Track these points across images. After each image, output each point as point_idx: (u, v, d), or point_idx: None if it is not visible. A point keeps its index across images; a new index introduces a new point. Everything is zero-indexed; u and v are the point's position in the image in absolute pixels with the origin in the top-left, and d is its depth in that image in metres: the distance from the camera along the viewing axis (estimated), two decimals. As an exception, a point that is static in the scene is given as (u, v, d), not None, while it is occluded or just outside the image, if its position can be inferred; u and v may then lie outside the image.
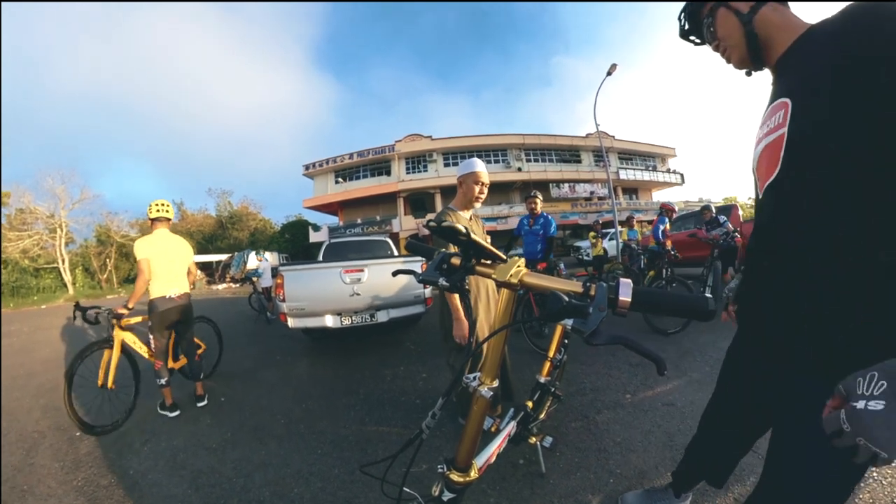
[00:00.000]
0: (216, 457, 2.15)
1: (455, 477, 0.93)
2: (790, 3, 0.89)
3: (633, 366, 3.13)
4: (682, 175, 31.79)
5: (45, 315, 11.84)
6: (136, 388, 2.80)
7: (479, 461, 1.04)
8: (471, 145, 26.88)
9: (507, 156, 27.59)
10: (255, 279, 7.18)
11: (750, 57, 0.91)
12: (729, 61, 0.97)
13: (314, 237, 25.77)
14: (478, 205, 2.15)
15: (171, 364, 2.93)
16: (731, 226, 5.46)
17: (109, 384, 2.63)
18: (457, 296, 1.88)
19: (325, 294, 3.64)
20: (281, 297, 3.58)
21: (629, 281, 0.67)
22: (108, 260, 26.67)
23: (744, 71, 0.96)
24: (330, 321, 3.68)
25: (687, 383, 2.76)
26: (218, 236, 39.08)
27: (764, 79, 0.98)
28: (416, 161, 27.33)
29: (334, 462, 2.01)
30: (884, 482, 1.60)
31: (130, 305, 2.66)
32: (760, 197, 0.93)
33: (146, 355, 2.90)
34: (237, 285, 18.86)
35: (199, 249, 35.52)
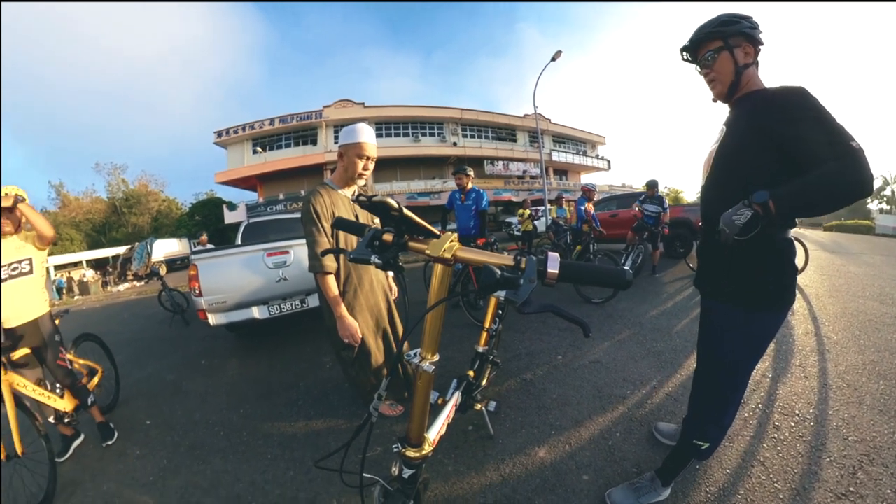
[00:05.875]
0: (157, 490, 1.84)
1: (411, 453, 0.95)
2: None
3: (562, 330, 3.42)
4: (609, 161, 34.59)
5: None
6: (48, 448, 1.88)
7: (432, 434, 1.07)
8: (406, 116, 25.10)
9: (443, 129, 26.51)
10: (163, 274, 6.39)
11: (727, 92, 1.20)
12: (712, 89, 1.24)
13: (230, 217, 22.35)
14: (361, 181, 1.89)
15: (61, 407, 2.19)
16: (666, 209, 5.80)
17: (18, 451, 1.81)
18: (333, 286, 1.76)
19: (247, 283, 3.34)
20: (197, 292, 3.19)
21: (556, 255, 0.71)
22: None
23: (712, 98, 1.26)
24: (257, 312, 3.42)
25: (610, 344, 3.10)
26: (112, 224, 32.76)
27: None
28: (346, 130, 25.63)
29: (287, 464, 1.88)
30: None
31: None
32: (704, 184, 1.34)
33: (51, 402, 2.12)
34: (142, 283, 16.08)
35: (90, 243, 29.63)
